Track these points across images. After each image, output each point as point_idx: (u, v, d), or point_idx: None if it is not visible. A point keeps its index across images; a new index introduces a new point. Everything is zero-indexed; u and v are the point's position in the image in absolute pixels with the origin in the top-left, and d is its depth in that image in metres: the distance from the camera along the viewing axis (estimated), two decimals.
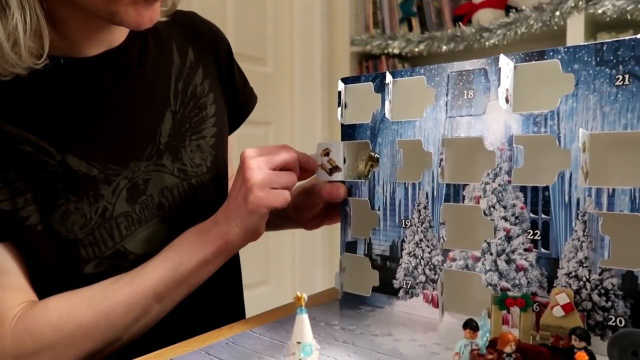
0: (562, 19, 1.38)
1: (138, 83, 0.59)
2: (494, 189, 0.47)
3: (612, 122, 0.41)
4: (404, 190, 0.53)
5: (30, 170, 0.50)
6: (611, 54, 0.41)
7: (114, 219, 0.54)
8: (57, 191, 0.51)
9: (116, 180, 0.55)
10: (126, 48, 0.59)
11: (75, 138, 0.53)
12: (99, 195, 0.53)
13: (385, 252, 0.54)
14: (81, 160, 0.53)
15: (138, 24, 0.51)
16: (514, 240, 0.46)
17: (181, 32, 0.65)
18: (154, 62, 0.61)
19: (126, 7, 0.49)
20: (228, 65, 0.70)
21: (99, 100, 0.55)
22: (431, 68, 0.51)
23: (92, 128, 0.54)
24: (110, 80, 0.56)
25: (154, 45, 0.62)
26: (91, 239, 0.53)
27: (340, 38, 1.84)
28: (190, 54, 0.65)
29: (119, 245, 0.54)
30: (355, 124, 0.57)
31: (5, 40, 0.45)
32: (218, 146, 0.64)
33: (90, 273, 0.53)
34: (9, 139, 0.50)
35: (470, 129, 0.48)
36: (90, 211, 0.53)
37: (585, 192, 0.42)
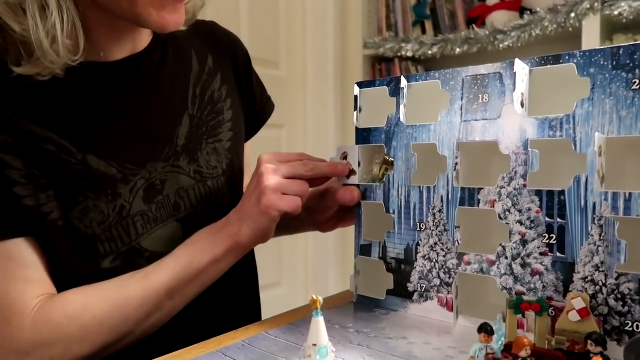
0: (577, 21, 1.37)
1: (157, 87, 0.60)
2: (509, 192, 0.47)
3: (629, 126, 0.41)
4: (418, 194, 0.53)
5: (53, 168, 0.52)
6: (628, 58, 0.41)
7: (131, 217, 0.56)
8: (77, 189, 0.53)
9: (134, 180, 0.56)
10: (148, 54, 0.61)
11: (95, 138, 0.55)
12: (117, 194, 0.55)
13: (400, 255, 0.55)
14: (100, 160, 0.54)
15: (163, 26, 0.53)
16: (529, 244, 0.46)
17: (201, 40, 0.67)
18: (174, 67, 0.63)
19: (151, 9, 0.51)
20: (246, 73, 0.71)
21: (119, 103, 0.57)
22: (446, 72, 0.52)
23: (111, 129, 0.56)
24: (131, 84, 0.58)
25: (174, 51, 0.63)
26: (108, 235, 0.55)
27: (353, 41, 1.84)
28: (210, 61, 0.67)
29: (134, 243, 0.56)
30: (370, 128, 0.57)
31: (45, 38, 0.47)
32: (234, 150, 0.66)
33: (107, 268, 0.55)
34: (34, 138, 0.52)
35: (485, 133, 0.49)
36: (108, 209, 0.54)
37: (601, 197, 0.42)
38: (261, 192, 0.53)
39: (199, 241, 0.56)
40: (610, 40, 1.39)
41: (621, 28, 1.40)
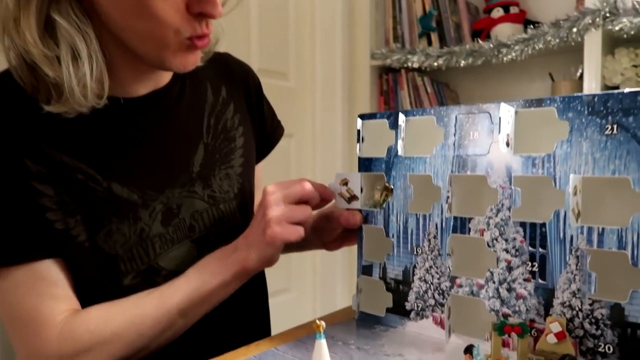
0: (579, 35, 1.40)
1: (175, 119, 0.66)
2: (496, 223, 0.51)
3: (602, 167, 0.45)
4: (415, 221, 0.58)
5: (81, 195, 0.57)
6: (602, 106, 0.46)
7: (150, 239, 0.61)
8: (102, 214, 0.58)
9: (153, 205, 0.61)
10: (168, 90, 0.66)
11: (119, 167, 0.60)
12: (137, 218, 0.60)
13: (399, 276, 0.59)
14: (123, 187, 0.59)
15: (184, 67, 0.59)
16: (514, 271, 0.51)
17: (216, 71, 0.72)
18: (190, 100, 0.68)
19: (174, 54, 0.56)
20: (257, 100, 0.77)
21: (140, 134, 0.62)
22: (440, 109, 0.56)
23: (133, 158, 0.61)
24: (152, 117, 0.64)
25: (191, 85, 0.69)
26: (129, 255, 0.60)
27: (360, 52, 1.88)
28: (223, 91, 0.72)
29: (153, 262, 0.61)
30: (371, 158, 0.62)
31: (76, 85, 0.53)
32: (245, 175, 0.71)
33: (128, 285, 0.60)
34: (64, 168, 0.57)
35: (475, 167, 0.53)
36: (130, 231, 0.60)
37: (577, 230, 0.46)
38: (266, 224, 0.58)
39: (209, 265, 0.61)
40: (612, 55, 1.42)
41: (623, 42, 1.43)
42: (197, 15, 0.55)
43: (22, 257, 0.55)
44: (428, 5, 1.77)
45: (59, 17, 0.52)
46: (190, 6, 0.54)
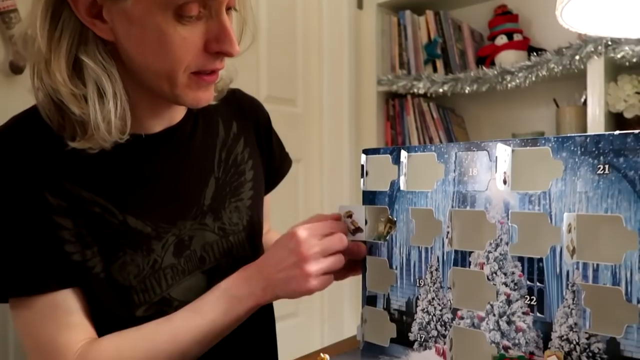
0: (582, 63, 1.43)
1: (188, 154, 0.69)
2: (495, 257, 0.53)
3: (595, 205, 0.47)
4: (418, 253, 0.60)
5: (98, 227, 0.60)
6: (593, 146, 0.48)
7: (162, 270, 0.63)
8: (117, 245, 0.61)
9: (166, 237, 0.64)
10: (181, 126, 0.69)
11: (134, 201, 0.63)
12: (150, 250, 0.63)
13: (402, 307, 0.61)
14: (138, 220, 0.62)
15: (197, 103, 0.62)
16: (513, 304, 0.52)
17: (227, 107, 0.76)
18: (203, 136, 0.71)
19: (187, 90, 0.59)
20: (266, 135, 0.80)
21: (155, 169, 0.65)
22: (441, 146, 0.59)
23: (148, 192, 0.64)
24: (166, 153, 0.67)
25: (203, 121, 0.72)
26: (142, 287, 0.62)
27: (367, 78, 1.92)
28: (234, 126, 0.75)
29: (165, 293, 0.63)
30: (375, 191, 0.64)
31: (101, 121, 0.56)
32: (253, 207, 0.73)
33: (141, 316, 0.62)
34: (83, 202, 0.60)
35: (475, 202, 0.55)
36: (143, 263, 0.62)
37: (573, 266, 0.48)
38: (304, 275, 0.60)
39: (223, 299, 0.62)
40: (615, 81, 1.44)
41: (625, 69, 1.45)
42: (214, 54, 0.58)
43: (41, 287, 0.57)
44: (433, 32, 1.81)
45: (87, 58, 0.55)
46: (208, 46, 0.57)
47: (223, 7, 0.57)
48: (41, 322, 0.58)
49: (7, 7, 1.04)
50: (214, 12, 0.56)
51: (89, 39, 0.56)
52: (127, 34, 0.55)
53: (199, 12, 0.55)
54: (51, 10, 0.54)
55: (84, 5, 0.54)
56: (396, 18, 1.88)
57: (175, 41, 0.55)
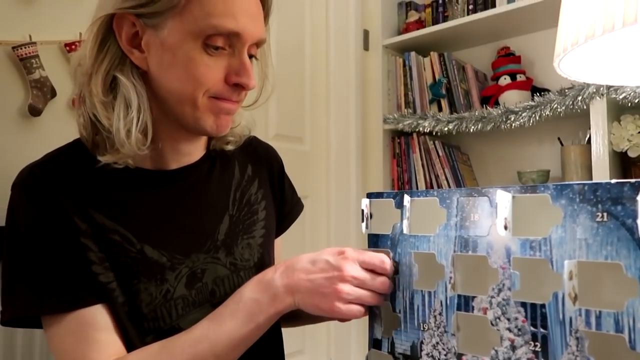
0: (584, 103, 1.45)
1: (205, 192, 0.73)
2: (498, 302, 0.54)
3: (595, 252, 0.48)
4: (421, 297, 0.60)
5: (117, 255, 0.63)
6: (591, 194, 0.49)
7: (174, 300, 0.65)
8: (133, 273, 0.64)
9: (179, 268, 0.66)
10: (199, 165, 0.73)
11: (152, 232, 0.66)
12: (164, 279, 0.65)
13: (407, 351, 0.61)
14: (154, 250, 0.65)
15: (217, 129, 0.66)
16: (518, 350, 0.52)
17: (243, 152, 0.81)
18: (219, 176, 0.76)
19: (208, 113, 0.65)
20: (279, 179, 0.84)
21: (173, 203, 0.69)
22: (442, 192, 0.60)
23: (165, 225, 0.67)
24: (184, 188, 0.71)
25: (220, 163, 0.77)
26: (153, 315, 0.64)
27: (373, 116, 1.96)
28: (249, 169, 0.80)
29: (174, 323, 0.65)
30: (378, 234, 0.66)
31: (122, 128, 0.62)
32: (265, 245, 0.76)
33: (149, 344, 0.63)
34: (105, 229, 0.64)
35: (476, 247, 0.56)
36: (156, 292, 0.64)
37: (576, 312, 0.48)
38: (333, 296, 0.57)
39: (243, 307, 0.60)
40: (619, 121, 1.46)
41: (628, 109, 1.47)
42: (233, 86, 0.64)
43: (72, 304, 0.60)
44: (437, 73, 1.86)
45: (121, 75, 0.62)
46: (228, 78, 0.64)
47: (245, 48, 0.64)
48: (72, 339, 0.60)
49: (29, 54, 1.09)
50: (236, 50, 0.64)
51: (127, 63, 0.63)
52: (159, 60, 0.63)
53: (224, 46, 0.63)
54: (100, 37, 0.62)
55: (127, 35, 0.63)
56: (401, 59, 1.94)
57: (200, 67, 0.62)
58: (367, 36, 1.99)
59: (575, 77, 0.85)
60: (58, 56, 1.17)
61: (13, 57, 1.08)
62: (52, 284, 0.60)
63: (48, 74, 1.12)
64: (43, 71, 1.11)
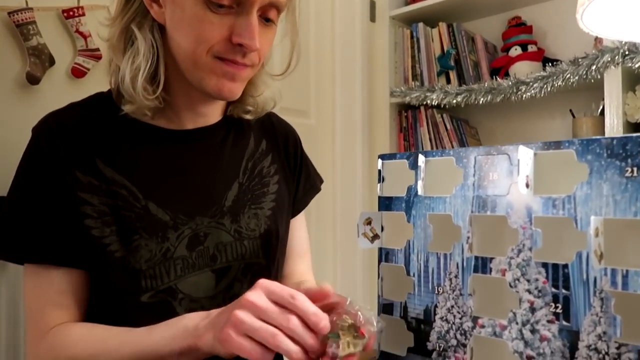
0: (598, 73, 1.41)
1: (217, 156, 0.72)
2: (518, 263, 0.52)
3: (624, 209, 0.46)
4: (436, 260, 0.58)
5: (121, 208, 0.63)
6: (620, 148, 0.46)
7: (173, 260, 0.65)
8: (135, 228, 0.63)
9: (182, 229, 0.66)
10: (215, 129, 0.73)
11: (158, 189, 0.66)
12: (165, 238, 0.64)
13: (420, 315, 0.59)
14: (159, 208, 0.65)
15: (219, 90, 0.64)
16: (537, 312, 0.50)
17: (260, 126, 0.79)
18: (233, 143, 0.74)
19: (211, 75, 0.63)
20: (295, 158, 0.82)
21: (183, 163, 0.68)
22: (459, 151, 0.57)
23: (173, 184, 0.67)
24: (196, 150, 0.70)
25: (236, 131, 0.76)
26: (151, 272, 0.63)
27: (380, 90, 1.92)
28: (263, 144, 0.78)
29: (172, 283, 0.64)
30: (391, 197, 0.63)
31: (128, 73, 0.63)
32: (272, 219, 0.74)
33: (145, 302, 0.63)
34: (112, 183, 0.64)
35: (495, 206, 0.54)
36: (156, 249, 0.64)
37: (601, 272, 0.46)
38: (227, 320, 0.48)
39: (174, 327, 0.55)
40: (633, 91, 1.42)
41: None
42: (237, 46, 0.63)
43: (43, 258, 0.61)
44: (446, 44, 1.81)
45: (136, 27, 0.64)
46: (232, 36, 0.62)
47: (254, 8, 0.62)
48: (38, 293, 0.61)
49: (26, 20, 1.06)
50: (244, 10, 0.62)
51: (148, 18, 0.65)
52: (172, 15, 0.63)
53: (230, 4, 0.61)
54: None
55: None
56: (409, 30, 1.89)
57: (203, 24, 0.61)
58: (374, 7, 1.94)
59: (597, 32, 0.82)
60: (56, 23, 1.14)
61: (9, 23, 1.05)
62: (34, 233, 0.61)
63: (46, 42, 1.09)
64: (40, 38, 1.08)
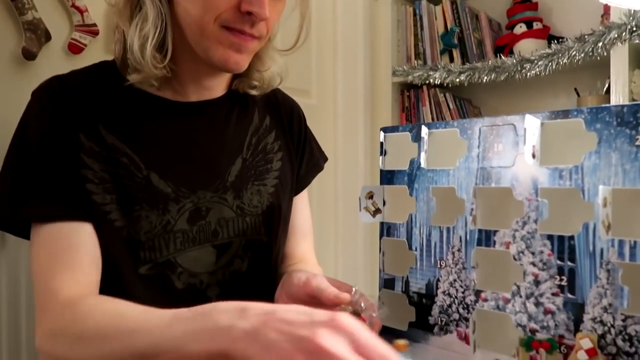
0: (605, 50, 1.38)
1: (221, 131, 0.70)
2: (522, 236, 0.50)
3: (633, 179, 0.44)
4: (439, 234, 0.57)
5: (122, 177, 0.61)
6: (631, 116, 0.45)
7: (173, 232, 0.63)
8: (136, 199, 0.62)
9: (183, 202, 0.64)
10: (220, 102, 0.71)
11: (161, 161, 0.64)
12: (166, 210, 0.63)
13: (422, 289, 0.59)
14: (161, 179, 0.63)
15: (225, 61, 0.62)
16: (542, 285, 0.49)
17: (265, 102, 0.77)
18: (238, 118, 0.72)
19: (217, 45, 0.61)
20: (299, 135, 0.80)
21: (187, 136, 0.67)
22: (464, 122, 0.56)
23: (176, 156, 0.65)
24: (201, 123, 0.68)
25: (240, 106, 0.74)
26: (151, 244, 0.62)
27: (382, 69, 1.89)
28: (267, 120, 0.76)
29: (171, 256, 0.63)
30: (394, 170, 0.62)
31: (136, 41, 0.60)
32: (275, 196, 0.73)
33: (143, 274, 0.62)
34: (114, 150, 0.62)
35: (500, 178, 0.53)
36: (156, 221, 0.62)
37: (608, 243, 0.45)
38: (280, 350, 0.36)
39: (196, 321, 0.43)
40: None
41: None
42: (245, 14, 0.60)
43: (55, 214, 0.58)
44: (450, 22, 1.77)
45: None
46: (242, 4, 0.60)
47: None
48: (47, 253, 0.58)
49: None
50: None
51: None
52: None
53: None
54: None
55: None
56: (412, 8, 1.85)
57: None
58: None
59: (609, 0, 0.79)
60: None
61: None
62: (38, 191, 0.59)
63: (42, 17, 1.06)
64: (36, 12, 1.05)
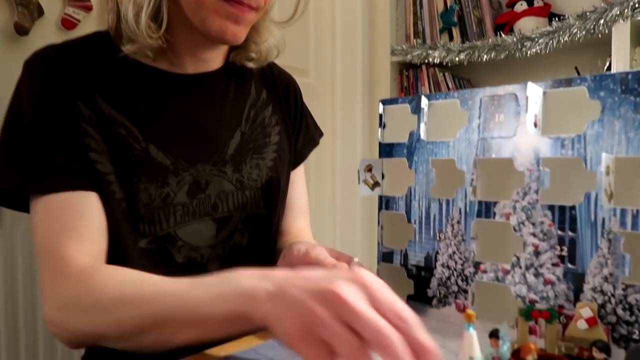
0: (606, 27, 1.37)
1: (220, 103, 0.69)
2: (523, 206, 0.50)
3: (637, 147, 0.43)
4: (438, 206, 0.56)
5: (119, 148, 0.60)
6: (636, 83, 0.44)
7: (173, 205, 0.63)
8: (134, 171, 0.61)
9: (183, 175, 0.64)
10: (217, 75, 0.70)
11: (160, 133, 0.63)
12: (165, 183, 0.62)
13: (420, 262, 0.58)
14: (159, 151, 0.63)
15: (222, 33, 0.61)
16: (542, 255, 0.49)
17: (262, 75, 0.77)
18: (235, 90, 0.72)
19: (214, 16, 0.60)
20: (295, 109, 0.80)
21: (186, 108, 0.66)
22: (464, 92, 0.55)
23: (175, 129, 0.65)
24: (199, 96, 0.68)
25: (237, 79, 0.73)
26: (150, 218, 0.61)
27: (380, 48, 1.87)
28: (264, 93, 0.76)
29: (171, 229, 0.63)
30: (393, 143, 0.61)
31: (130, 10, 0.59)
32: (274, 169, 0.73)
33: (143, 248, 0.61)
34: (111, 121, 0.61)
35: (501, 149, 0.52)
36: (155, 194, 0.62)
37: (610, 212, 0.45)
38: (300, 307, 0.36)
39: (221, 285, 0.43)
40: None
41: None
42: None
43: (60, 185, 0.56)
44: (450, 0, 1.75)
45: None
46: None
47: None
48: (52, 224, 0.56)
49: None
50: None
51: None
52: None
53: None
54: None
55: None
56: None
57: None
58: None
59: None
60: None
61: None
62: (42, 162, 0.57)
63: None
64: None
